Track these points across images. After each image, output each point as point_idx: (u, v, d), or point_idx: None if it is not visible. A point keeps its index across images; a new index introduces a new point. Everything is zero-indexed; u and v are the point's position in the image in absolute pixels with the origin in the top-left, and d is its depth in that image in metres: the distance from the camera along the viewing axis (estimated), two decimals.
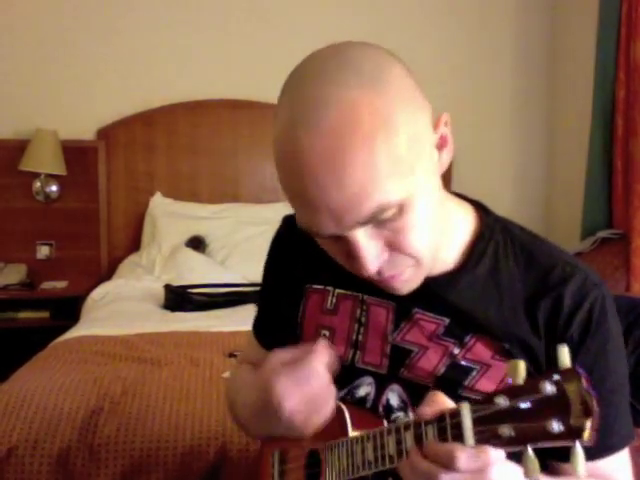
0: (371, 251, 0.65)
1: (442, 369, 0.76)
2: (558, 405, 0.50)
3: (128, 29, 3.41)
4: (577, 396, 0.49)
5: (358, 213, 0.62)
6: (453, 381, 0.75)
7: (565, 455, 0.74)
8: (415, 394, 0.77)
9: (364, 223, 0.63)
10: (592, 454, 0.73)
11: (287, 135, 0.63)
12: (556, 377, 0.51)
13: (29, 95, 3.35)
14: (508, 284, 0.76)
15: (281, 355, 0.77)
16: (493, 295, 0.76)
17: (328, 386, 0.74)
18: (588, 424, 0.48)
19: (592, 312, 0.73)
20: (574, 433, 0.49)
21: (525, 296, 0.75)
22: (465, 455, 0.55)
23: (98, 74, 3.39)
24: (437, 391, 0.62)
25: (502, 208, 0.95)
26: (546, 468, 0.77)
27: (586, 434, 0.49)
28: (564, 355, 0.52)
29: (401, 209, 0.63)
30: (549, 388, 0.50)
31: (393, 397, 0.79)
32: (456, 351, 0.76)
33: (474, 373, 0.75)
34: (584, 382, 0.49)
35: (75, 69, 3.38)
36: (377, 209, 0.61)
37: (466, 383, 0.75)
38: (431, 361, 0.77)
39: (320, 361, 0.73)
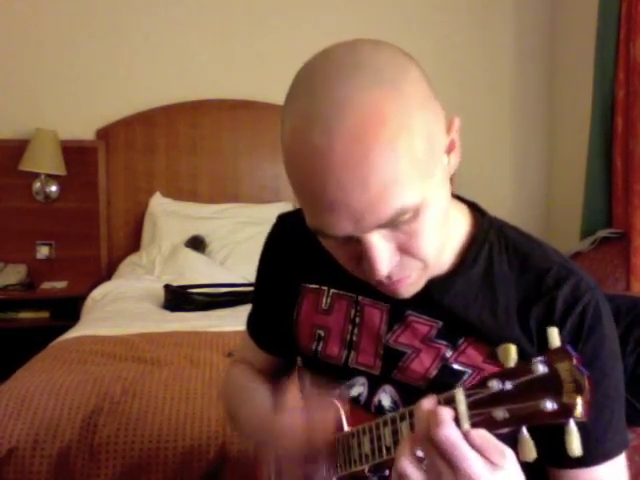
0: (384, 254, 0.64)
1: (434, 372, 0.76)
2: (550, 384, 0.51)
3: (128, 29, 3.41)
4: (568, 374, 0.50)
5: (379, 215, 0.61)
6: (445, 384, 0.74)
7: (567, 460, 0.73)
8: (407, 396, 0.77)
9: (384, 226, 0.62)
10: (586, 461, 0.72)
11: (305, 136, 0.61)
12: (547, 357, 0.52)
13: (29, 95, 3.35)
14: (502, 288, 0.76)
15: (295, 436, 0.78)
16: (487, 299, 0.76)
17: None
18: (580, 401, 0.49)
19: (584, 316, 0.72)
20: (567, 410, 0.50)
21: (518, 300, 0.75)
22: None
23: (98, 74, 3.39)
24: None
25: (502, 208, 0.95)
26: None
27: (579, 411, 0.49)
28: (554, 335, 0.52)
29: (417, 212, 0.62)
30: (541, 368, 0.51)
31: (385, 398, 0.79)
32: (448, 354, 0.76)
33: (466, 377, 0.75)
34: (575, 360, 0.50)
35: (75, 69, 3.38)
36: (398, 211, 0.61)
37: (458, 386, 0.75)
38: (423, 363, 0.77)
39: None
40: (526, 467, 0.60)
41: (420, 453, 0.58)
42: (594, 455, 0.73)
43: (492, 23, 3.70)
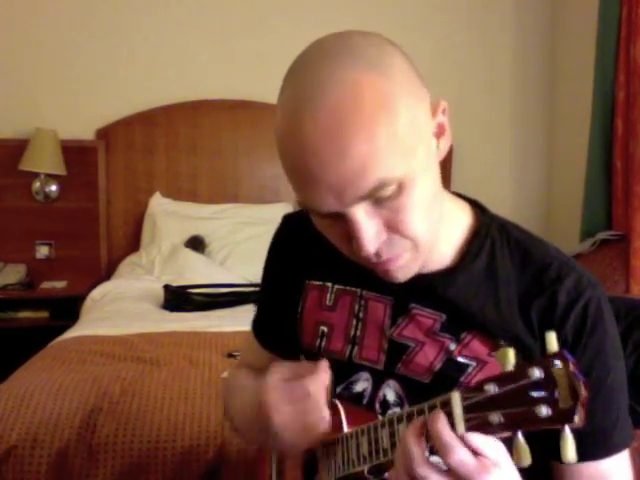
0: (370, 230, 0.65)
1: (438, 365, 0.76)
2: (546, 389, 0.50)
3: (128, 29, 3.41)
4: (565, 380, 0.50)
5: (358, 188, 0.62)
6: (449, 377, 0.75)
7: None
8: (411, 390, 0.78)
9: (364, 198, 0.63)
10: (594, 455, 0.73)
11: (289, 113, 0.64)
12: (543, 362, 0.51)
13: (29, 95, 3.35)
14: (504, 282, 0.76)
15: (281, 370, 0.77)
16: (489, 292, 0.76)
17: (321, 409, 0.74)
18: (576, 407, 0.49)
19: (587, 311, 0.73)
20: (563, 417, 0.50)
21: (520, 294, 0.76)
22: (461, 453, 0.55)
23: (98, 74, 3.39)
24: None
25: (502, 208, 0.95)
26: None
27: (575, 417, 0.49)
28: (552, 340, 0.52)
29: (401, 187, 0.64)
30: (537, 373, 0.51)
31: (389, 393, 0.79)
32: (452, 347, 0.76)
33: (470, 369, 0.75)
34: (571, 366, 0.50)
35: (75, 69, 3.38)
36: (377, 184, 0.62)
37: (462, 379, 0.75)
38: (427, 357, 0.77)
39: (316, 384, 0.74)
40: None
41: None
42: (601, 449, 0.74)
43: (492, 23, 3.70)
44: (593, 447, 0.73)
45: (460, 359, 0.76)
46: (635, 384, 0.94)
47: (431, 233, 0.70)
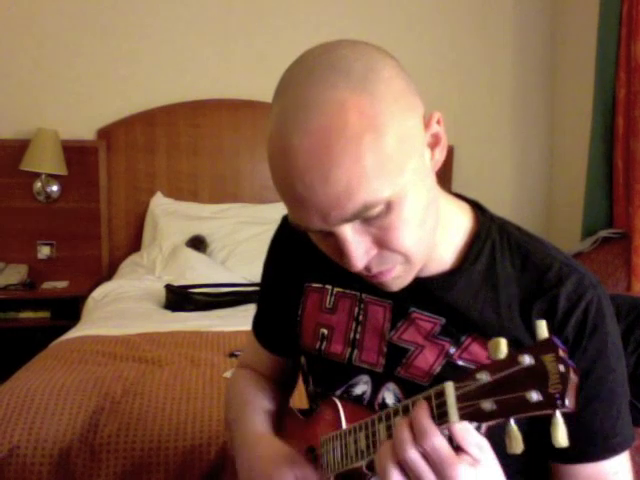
0: (358, 247, 0.65)
1: (438, 368, 0.76)
2: (536, 375, 0.51)
3: (128, 29, 3.41)
4: (554, 366, 0.50)
5: (343, 210, 0.62)
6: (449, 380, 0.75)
7: (567, 456, 0.74)
8: (411, 393, 0.77)
9: (349, 220, 0.63)
10: (594, 456, 0.73)
11: (277, 134, 0.64)
12: (534, 349, 0.52)
13: (30, 95, 3.35)
14: (504, 285, 0.76)
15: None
16: (489, 295, 0.76)
17: None
18: (566, 392, 0.50)
19: (588, 313, 0.73)
20: (552, 401, 0.50)
21: (520, 297, 0.75)
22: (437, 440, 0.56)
23: (98, 74, 3.40)
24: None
25: (502, 208, 0.95)
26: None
27: (566, 402, 0.50)
28: (542, 328, 0.53)
29: (389, 207, 0.63)
30: (527, 360, 0.52)
31: (389, 396, 0.79)
32: (452, 351, 0.76)
33: None
34: (561, 352, 0.51)
35: (75, 69, 3.38)
36: (362, 207, 0.62)
37: None
38: (427, 360, 0.77)
39: None
40: (521, 467, 0.60)
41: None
42: (602, 450, 0.74)
43: (492, 23, 3.70)
44: (594, 448, 0.73)
45: (460, 362, 0.75)
46: (636, 382, 0.94)
47: (424, 244, 0.69)
